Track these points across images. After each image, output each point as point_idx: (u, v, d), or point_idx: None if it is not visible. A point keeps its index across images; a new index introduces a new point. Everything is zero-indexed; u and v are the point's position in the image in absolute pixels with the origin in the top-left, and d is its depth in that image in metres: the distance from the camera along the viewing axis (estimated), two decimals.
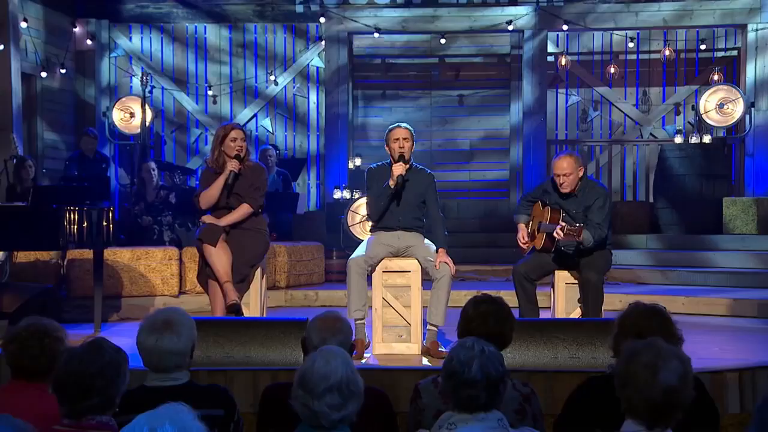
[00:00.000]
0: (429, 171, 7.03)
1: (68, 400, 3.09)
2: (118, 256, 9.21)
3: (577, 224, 6.61)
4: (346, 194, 12.81)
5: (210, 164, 7.04)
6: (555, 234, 6.69)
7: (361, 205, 11.13)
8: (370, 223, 10.88)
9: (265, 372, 4.95)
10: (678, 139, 12.65)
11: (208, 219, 6.88)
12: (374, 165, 7.02)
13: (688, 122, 14.17)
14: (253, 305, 6.95)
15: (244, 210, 6.91)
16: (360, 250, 6.77)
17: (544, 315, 7.25)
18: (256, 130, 14.45)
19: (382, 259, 6.78)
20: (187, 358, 3.73)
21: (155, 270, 9.32)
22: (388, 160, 6.95)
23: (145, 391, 3.61)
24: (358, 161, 13.78)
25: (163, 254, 9.40)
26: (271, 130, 14.39)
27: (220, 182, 6.87)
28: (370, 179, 6.92)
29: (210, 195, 6.89)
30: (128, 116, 13.25)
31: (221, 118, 14.45)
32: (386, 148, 6.91)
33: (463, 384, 3.08)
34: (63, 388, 3.10)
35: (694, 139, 12.44)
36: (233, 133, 6.93)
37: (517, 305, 7.14)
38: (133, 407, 3.42)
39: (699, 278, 10.62)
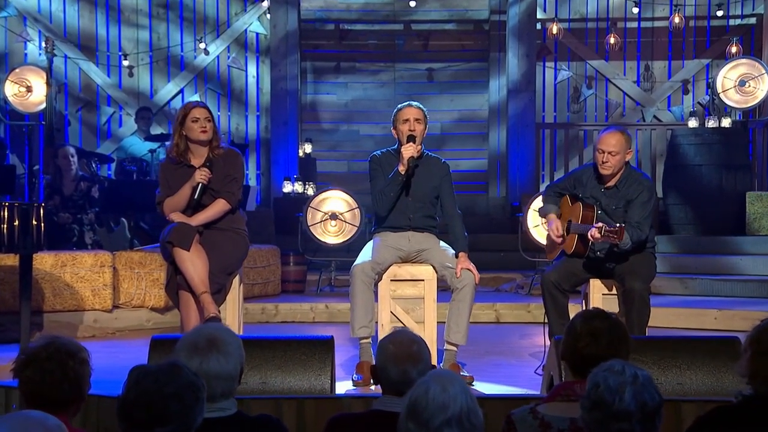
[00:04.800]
0: (444, 160, 7.07)
1: (137, 427, 3.04)
2: (38, 262, 9.01)
3: (617, 224, 6.67)
4: (298, 187, 12.79)
5: (170, 153, 6.94)
6: (590, 236, 6.74)
7: (323, 201, 11.11)
8: (333, 222, 11.04)
9: (290, 401, 4.92)
10: (692, 123, 12.81)
11: (177, 217, 6.78)
12: (379, 152, 7.03)
13: (698, 103, 14.43)
14: (230, 320, 6.91)
15: (219, 207, 6.84)
16: (365, 255, 6.76)
17: None
18: None
19: (390, 266, 6.80)
20: (235, 383, 3.69)
21: (84, 279, 9.19)
22: (394, 147, 6.98)
23: None
24: (308, 148, 13.78)
25: (93, 260, 9.27)
26: None
27: (185, 192, 6.79)
28: (375, 169, 6.91)
29: (176, 205, 6.82)
30: (24, 90, 12.95)
31: (139, 94, 14.35)
32: (392, 132, 6.93)
33: (613, 416, 3.09)
34: (131, 412, 3.05)
35: (711, 123, 12.62)
36: (195, 112, 6.84)
37: (544, 320, 7.23)
38: None
39: (725, 288, 10.79)
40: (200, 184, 6.74)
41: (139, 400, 3.06)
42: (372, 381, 3.91)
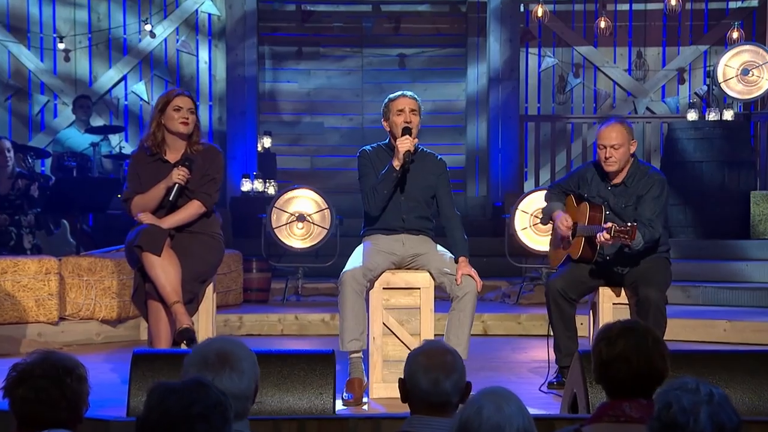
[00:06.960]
0: (439, 156, 7.10)
1: None
2: None
3: (629, 223, 6.73)
4: (258, 185, 12.77)
5: (145, 143, 6.92)
6: (600, 238, 6.77)
7: (289, 201, 11.11)
8: (301, 225, 11.03)
9: (290, 421, 4.92)
10: (691, 116, 12.89)
11: (146, 218, 6.75)
12: (369, 147, 7.07)
13: (695, 93, 14.55)
14: (202, 333, 6.88)
15: (193, 209, 6.83)
16: (355, 260, 6.76)
17: (582, 345, 7.36)
18: (126, 99, 14.32)
19: (383, 272, 6.81)
20: (249, 402, 3.69)
21: (27, 288, 9.10)
22: (385, 141, 7.03)
23: None
24: (267, 141, 13.75)
25: (37, 266, 9.18)
26: (146, 99, 14.28)
27: (159, 192, 6.77)
28: (365, 165, 6.95)
29: (146, 204, 6.80)
30: None
31: (76, 81, 14.26)
32: (384, 124, 6.98)
33: None
34: None
35: (712, 116, 12.70)
36: (178, 101, 6.84)
37: (549, 332, 7.28)
38: None
39: (731, 296, 10.87)
40: (177, 185, 6.72)
41: (162, 422, 3.04)
42: (400, 398, 3.89)
